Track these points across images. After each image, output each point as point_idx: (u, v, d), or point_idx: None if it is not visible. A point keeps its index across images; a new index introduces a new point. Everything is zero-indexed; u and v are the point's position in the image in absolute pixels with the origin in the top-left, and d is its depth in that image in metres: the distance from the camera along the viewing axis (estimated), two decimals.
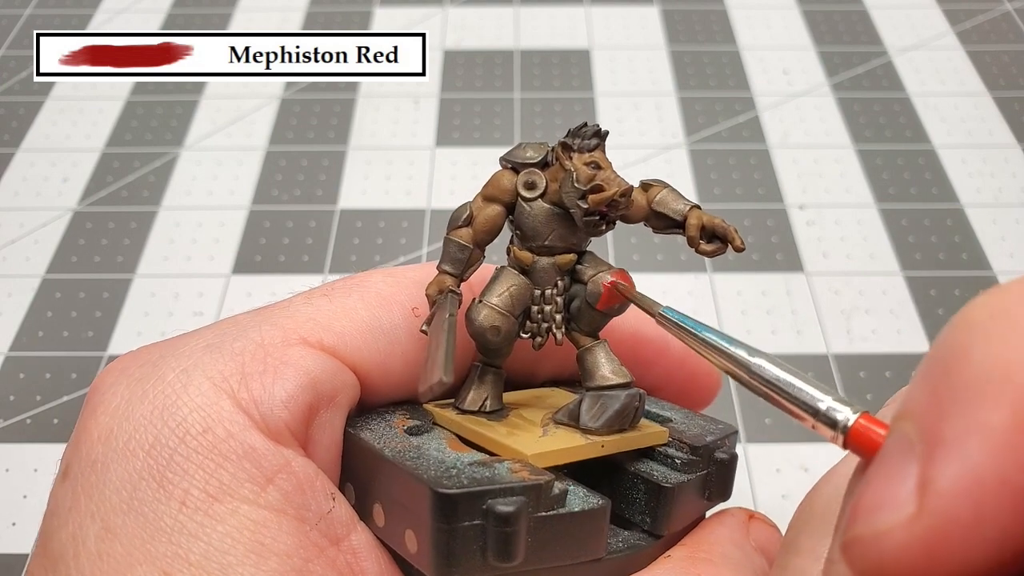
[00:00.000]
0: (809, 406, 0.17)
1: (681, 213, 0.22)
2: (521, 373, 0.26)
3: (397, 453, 0.20)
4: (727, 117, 0.55)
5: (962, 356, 0.13)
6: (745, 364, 0.18)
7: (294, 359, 0.21)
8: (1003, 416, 0.12)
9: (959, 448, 0.12)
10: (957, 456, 0.12)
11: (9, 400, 0.41)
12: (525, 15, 0.64)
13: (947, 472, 0.12)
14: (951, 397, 0.13)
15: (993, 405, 0.12)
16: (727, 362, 0.19)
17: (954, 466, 0.12)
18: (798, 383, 0.17)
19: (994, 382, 0.12)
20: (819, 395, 0.17)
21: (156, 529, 0.18)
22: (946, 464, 0.12)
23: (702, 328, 0.20)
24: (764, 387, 0.18)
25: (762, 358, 0.18)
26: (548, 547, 0.19)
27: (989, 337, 0.13)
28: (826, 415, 0.16)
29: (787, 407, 0.17)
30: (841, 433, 0.16)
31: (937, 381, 0.13)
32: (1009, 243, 0.48)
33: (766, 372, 0.18)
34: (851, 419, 0.16)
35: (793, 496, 0.38)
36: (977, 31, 0.62)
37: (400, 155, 0.53)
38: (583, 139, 0.21)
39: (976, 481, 0.12)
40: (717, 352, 0.19)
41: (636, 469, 0.23)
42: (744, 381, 0.18)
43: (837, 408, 0.16)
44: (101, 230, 0.49)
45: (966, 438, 0.12)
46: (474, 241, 0.22)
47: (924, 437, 0.13)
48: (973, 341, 0.13)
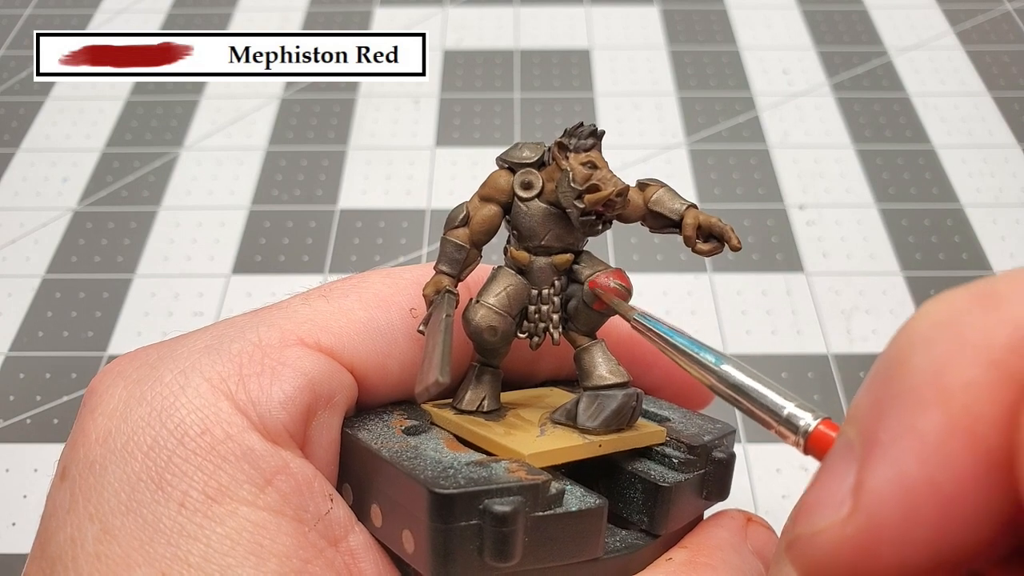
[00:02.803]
0: (772, 411, 0.17)
1: (678, 212, 0.22)
2: (519, 373, 0.26)
3: (394, 453, 0.20)
4: (727, 117, 0.55)
5: (902, 363, 0.13)
6: (713, 370, 0.19)
7: (292, 360, 0.21)
8: (934, 421, 0.12)
9: (892, 451, 0.13)
10: (889, 459, 0.13)
11: (9, 400, 0.42)
12: (525, 15, 0.64)
13: (879, 474, 0.13)
14: (889, 402, 0.13)
15: (925, 410, 0.13)
16: (696, 367, 0.19)
17: (886, 468, 0.13)
18: (762, 389, 0.18)
19: (928, 388, 0.13)
20: (782, 401, 0.17)
21: (155, 531, 0.18)
22: (878, 466, 0.13)
23: (673, 334, 0.20)
24: (730, 391, 0.18)
25: (729, 364, 0.19)
26: (545, 547, 0.19)
27: (928, 346, 0.13)
28: (787, 420, 0.17)
29: (752, 411, 0.18)
30: (802, 438, 0.17)
31: (879, 387, 0.14)
32: (1009, 243, 0.48)
33: (732, 377, 0.18)
34: (812, 425, 0.17)
35: (793, 496, 0.38)
36: (977, 31, 0.62)
37: (400, 155, 0.53)
38: (579, 139, 0.21)
39: (906, 483, 0.12)
40: (686, 357, 0.20)
41: (634, 468, 0.23)
42: (712, 386, 0.19)
43: (798, 414, 0.17)
44: (101, 230, 0.49)
45: (898, 441, 0.13)
46: (471, 241, 0.22)
47: (863, 440, 0.13)
48: (913, 349, 0.13)
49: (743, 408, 0.18)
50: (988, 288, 0.13)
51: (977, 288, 0.13)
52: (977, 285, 0.13)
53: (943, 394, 0.12)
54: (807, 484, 0.15)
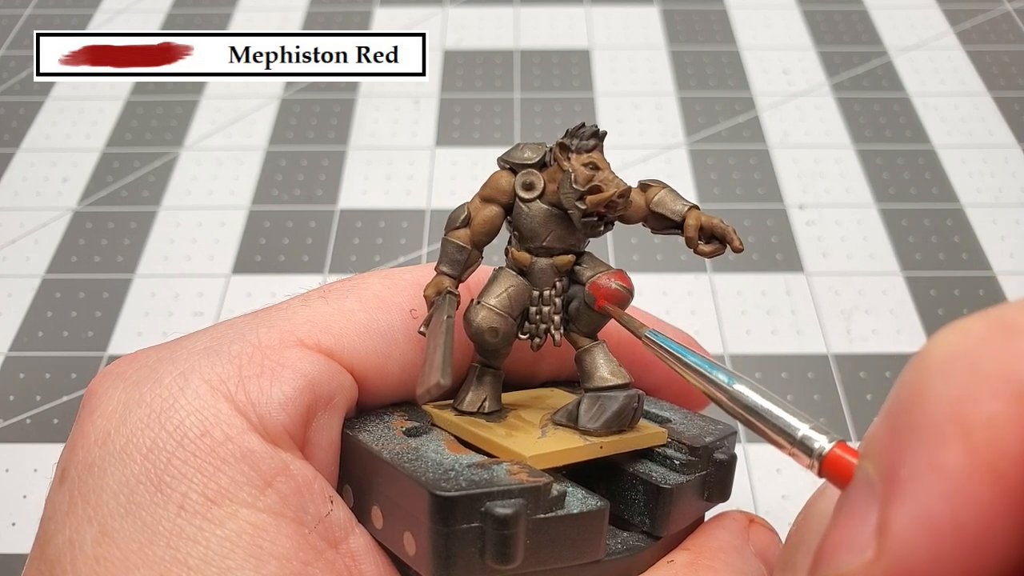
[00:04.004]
0: (787, 433, 0.17)
1: (679, 214, 0.22)
2: (520, 374, 0.26)
3: (395, 455, 0.20)
4: (727, 117, 0.55)
5: (920, 396, 0.13)
6: (726, 390, 0.19)
7: (291, 361, 0.21)
8: (957, 458, 0.12)
9: (914, 490, 0.12)
10: (912, 498, 0.12)
11: (9, 400, 0.41)
12: (525, 15, 0.63)
13: (903, 514, 0.12)
14: (908, 438, 0.13)
15: (947, 446, 0.12)
16: (709, 386, 0.19)
17: (909, 508, 0.12)
18: (776, 410, 0.18)
19: (949, 424, 0.12)
20: (796, 423, 0.17)
21: (154, 533, 0.18)
22: (902, 506, 0.13)
23: (685, 352, 0.20)
24: (744, 412, 0.18)
25: (742, 384, 0.18)
26: (547, 549, 0.19)
27: (945, 378, 0.13)
28: (802, 443, 0.17)
29: (765, 433, 0.18)
30: (816, 461, 0.16)
31: (897, 420, 0.13)
32: (1009, 243, 0.48)
33: (746, 398, 0.18)
34: (826, 448, 0.16)
35: (793, 497, 0.38)
36: (977, 31, 0.62)
37: (400, 155, 0.53)
38: (581, 140, 0.21)
39: (931, 524, 0.12)
40: (699, 376, 0.19)
41: (635, 470, 0.23)
42: (725, 406, 0.19)
43: (813, 436, 0.17)
44: (101, 230, 0.49)
45: (921, 480, 0.12)
46: (472, 242, 0.22)
47: (883, 477, 0.13)
48: (931, 381, 0.13)
49: (756, 429, 0.18)
50: (1003, 317, 0.13)
51: (992, 317, 0.13)
52: (991, 314, 0.13)
53: (964, 429, 0.12)
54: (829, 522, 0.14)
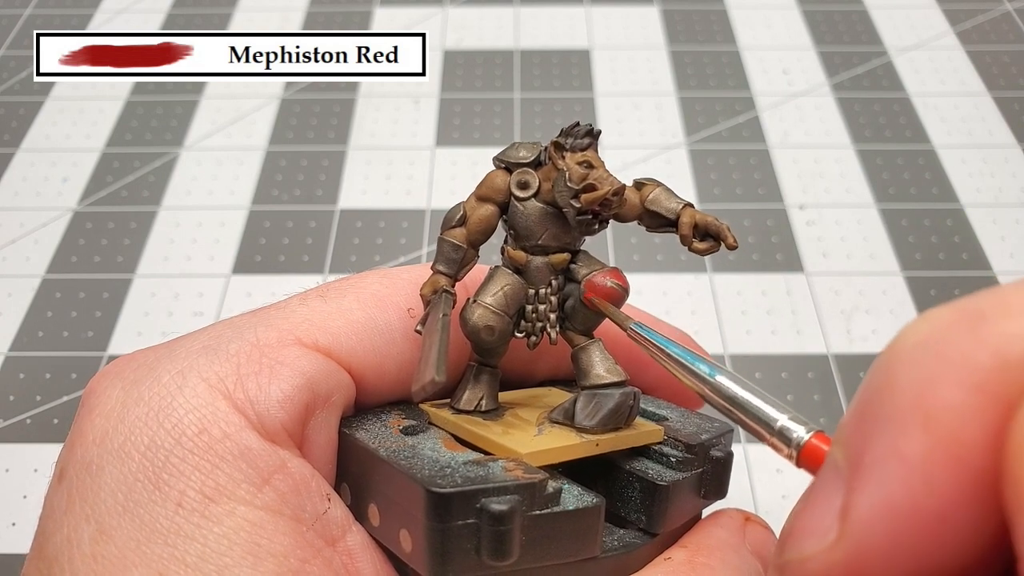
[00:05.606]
0: (766, 424, 0.17)
1: (674, 211, 0.22)
2: (517, 373, 0.26)
3: (392, 453, 0.20)
4: (727, 117, 0.55)
5: (887, 383, 0.13)
6: (708, 381, 0.19)
7: (289, 359, 0.21)
8: (918, 445, 0.12)
9: (877, 476, 0.13)
10: (875, 484, 0.13)
11: (9, 400, 0.42)
12: (525, 15, 0.64)
13: (864, 499, 0.13)
14: (873, 424, 0.13)
15: (909, 433, 0.12)
16: (691, 378, 0.19)
17: (871, 493, 0.13)
18: (756, 401, 0.18)
19: (911, 411, 0.12)
20: (775, 413, 0.17)
21: (152, 531, 0.18)
22: (864, 491, 0.13)
23: (668, 343, 0.20)
24: (725, 403, 0.19)
25: (724, 376, 0.19)
26: (543, 545, 0.19)
27: (911, 366, 0.13)
28: (780, 433, 0.17)
29: (745, 423, 0.18)
30: (795, 451, 0.17)
31: (865, 407, 0.13)
32: (1009, 243, 0.48)
33: (727, 390, 0.19)
34: (804, 438, 0.17)
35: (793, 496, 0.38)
36: (977, 31, 0.62)
37: (400, 155, 0.53)
38: (575, 138, 0.21)
39: (891, 509, 0.12)
40: (682, 368, 0.20)
41: (631, 467, 0.23)
42: (707, 397, 0.19)
43: (792, 427, 0.17)
44: (101, 230, 0.49)
45: (883, 466, 0.13)
46: (468, 241, 0.22)
47: (849, 463, 0.13)
48: (898, 369, 0.13)
49: (737, 420, 0.18)
50: (972, 306, 0.13)
51: (961, 306, 0.13)
52: (961, 303, 0.13)
53: (926, 417, 0.12)
54: (794, 507, 0.15)
